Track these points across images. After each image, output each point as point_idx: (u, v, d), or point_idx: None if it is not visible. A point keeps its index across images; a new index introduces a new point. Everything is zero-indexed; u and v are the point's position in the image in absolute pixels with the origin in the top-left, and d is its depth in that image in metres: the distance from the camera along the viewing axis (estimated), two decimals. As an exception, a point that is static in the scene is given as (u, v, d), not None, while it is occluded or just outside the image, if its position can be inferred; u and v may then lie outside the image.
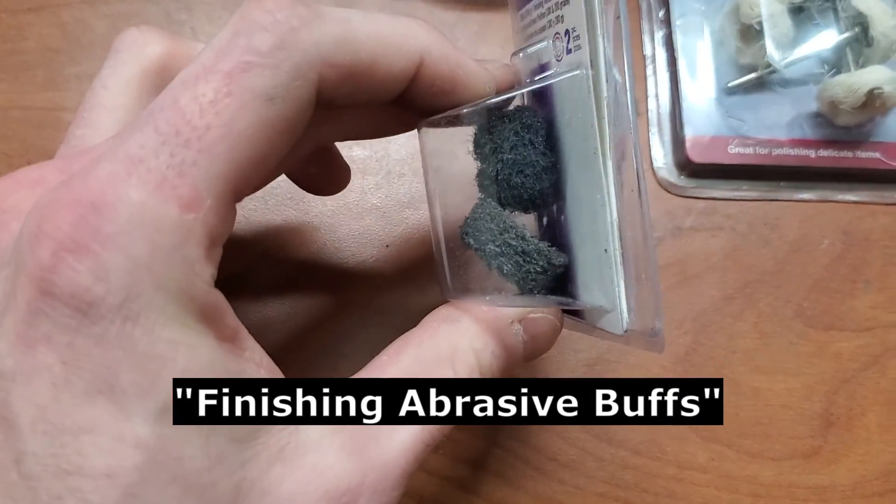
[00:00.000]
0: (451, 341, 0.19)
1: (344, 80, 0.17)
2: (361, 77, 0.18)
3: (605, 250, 0.19)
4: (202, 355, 0.15)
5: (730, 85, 0.35)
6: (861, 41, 0.34)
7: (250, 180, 0.16)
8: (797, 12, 0.34)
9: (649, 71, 0.36)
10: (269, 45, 0.16)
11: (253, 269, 0.31)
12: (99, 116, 0.21)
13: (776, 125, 0.34)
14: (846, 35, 0.34)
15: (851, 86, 0.32)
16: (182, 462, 0.15)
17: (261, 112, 0.16)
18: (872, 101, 0.32)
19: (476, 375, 0.19)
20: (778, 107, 0.35)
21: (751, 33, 0.34)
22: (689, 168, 0.34)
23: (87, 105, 0.21)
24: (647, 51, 0.36)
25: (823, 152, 0.34)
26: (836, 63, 0.34)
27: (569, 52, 0.20)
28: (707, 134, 0.34)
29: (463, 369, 0.19)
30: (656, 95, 0.36)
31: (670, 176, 0.35)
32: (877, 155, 0.34)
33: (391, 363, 0.19)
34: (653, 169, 0.35)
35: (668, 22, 0.36)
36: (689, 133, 0.34)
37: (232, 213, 0.17)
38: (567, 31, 0.20)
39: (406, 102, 0.20)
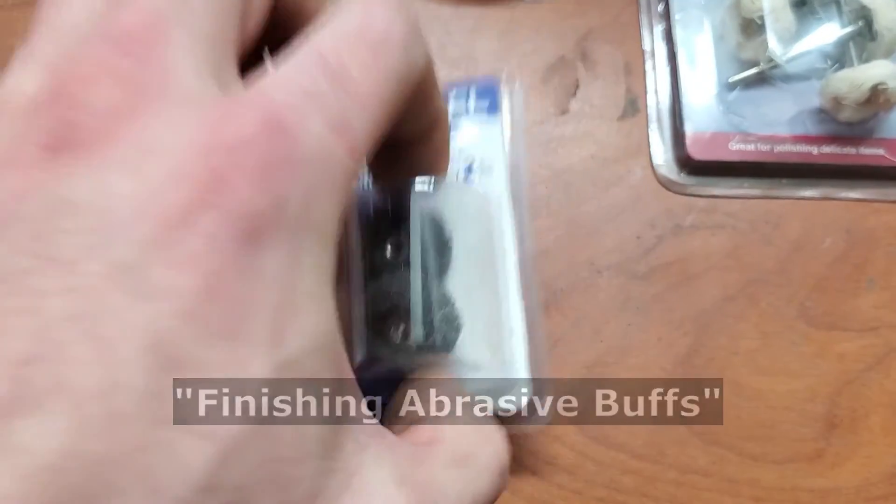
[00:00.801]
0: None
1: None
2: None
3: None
4: (327, 321, 0.14)
5: (731, 80, 0.34)
6: (865, 35, 0.33)
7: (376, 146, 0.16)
8: (799, 6, 0.34)
9: (648, 66, 0.36)
10: (404, 31, 0.15)
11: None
12: None
13: (778, 121, 0.34)
14: (849, 29, 0.33)
15: (855, 81, 0.32)
16: (278, 443, 0.12)
17: (396, 88, 0.15)
18: (876, 97, 0.32)
19: None
20: (780, 102, 0.34)
21: (752, 27, 0.33)
22: (690, 165, 0.34)
23: None
24: (647, 45, 0.36)
25: (826, 149, 0.34)
26: (839, 58, 0.34)
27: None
28: (708, 130, 0.34)
29: None
30: (656, 91, 0.35)
31: (670, 173, 0.34)
32: (881, 151, 0.34)
33: None
34: (652, 166, 0.34)
35: (667, 16, 0.35)
36: (689, 129, 0.34)
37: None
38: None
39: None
